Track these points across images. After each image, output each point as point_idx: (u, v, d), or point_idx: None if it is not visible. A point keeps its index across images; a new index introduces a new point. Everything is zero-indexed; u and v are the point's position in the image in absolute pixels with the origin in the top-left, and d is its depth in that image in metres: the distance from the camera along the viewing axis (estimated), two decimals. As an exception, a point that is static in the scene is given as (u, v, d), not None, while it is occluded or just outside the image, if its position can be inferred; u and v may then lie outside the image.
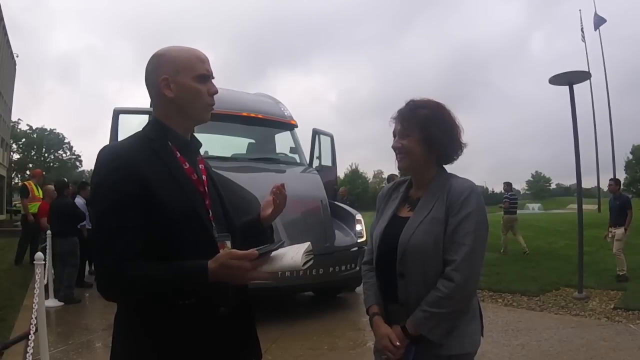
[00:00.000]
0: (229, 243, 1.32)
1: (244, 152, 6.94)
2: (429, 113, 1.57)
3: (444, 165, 1.64)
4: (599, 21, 34.85)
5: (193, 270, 1.14)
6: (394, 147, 1.61)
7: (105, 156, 1.21)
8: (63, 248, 6.44)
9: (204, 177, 1.34)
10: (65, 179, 8.25)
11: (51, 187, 7.70)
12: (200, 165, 1.35)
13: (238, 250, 1.15)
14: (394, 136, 1.62)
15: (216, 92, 1.32)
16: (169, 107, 1.29)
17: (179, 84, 1.27)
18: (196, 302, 1.18)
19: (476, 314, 1.58)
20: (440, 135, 1.55)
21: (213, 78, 1.33)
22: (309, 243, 1.23)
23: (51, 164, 54.43)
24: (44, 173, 10.99)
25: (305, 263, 1.17)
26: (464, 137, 1.61)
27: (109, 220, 1.14)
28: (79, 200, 7.57)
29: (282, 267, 1.17)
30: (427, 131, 1.55)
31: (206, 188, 1.32)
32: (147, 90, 1.33)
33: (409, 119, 1.57)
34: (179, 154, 1.29)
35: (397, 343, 1.49)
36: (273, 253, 1.18)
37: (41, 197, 8.80)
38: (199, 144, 1.39)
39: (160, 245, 1.17)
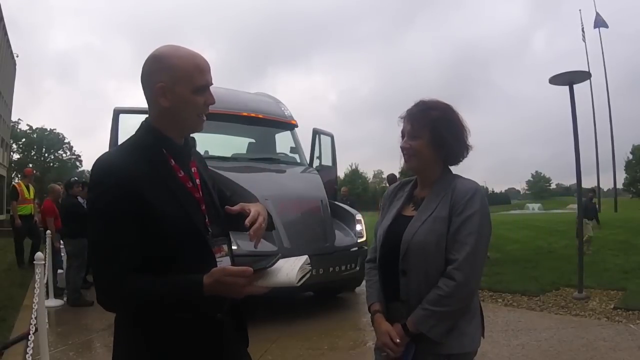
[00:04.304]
0: (225, 247, 1.34)
1: (244, 152, 6.94)
2: (440, 115, 1.57)
3: (450, 166, 1.64)
4: (600, 22, 34.82)
5: (188, 285, 1.15)
6: (402, 147, 1.62)
7: (100, 172, 1.20)
8: (68, 248, 6.45)
9: (197, 181, 1.33)
10: (76, 178, 8.12)
11: (56, 186, 7.64)
12: (192, 169, 1.34)
13: (232, 267, 1.17)
14: (402, 136, 1.62)
15: (213, 102, 1.29)
16: (163, 114, 1.26)
17: (176, 94, 1.23)
18: (192, 316, 1.20)
19: (477, 314, 1.58)
20: (449, 137, 1.56)
21: (211, 85, 1.30)
22: (306, 257, 1.23)
23: (51, 164, 54.43)
24: (34, 172, 10.77)
25: (300, 279, 1.16)
26: (470, 139, 1.62)
27: (106, 236, 1.15)
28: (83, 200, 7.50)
29: (276, 283, 1.17)
30: (436, 133, 1.55)
31: (201, 193, 1.32)
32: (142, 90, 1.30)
33: (420, 119, 1.58)
34: (173, 162, 1.28)
35: (397, 340, 1.50)
36: (269, 268, 1.19)
37: (32, 198, 8.60)
38: (192, 144, 1.37)
39: (158, 258, 1.18)
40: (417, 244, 1.51)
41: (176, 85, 1.23)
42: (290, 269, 1.17)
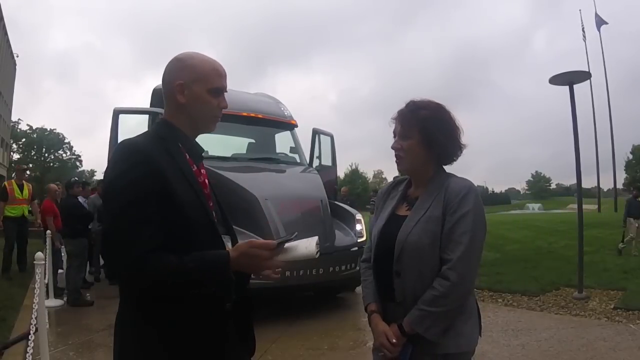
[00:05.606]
0: (229, 244, 1.37)
1: (244, 152, 6.94)
2: (429, 114, 1.57)
3: (444, 166, 1.64)
4: (600, 21, 34.85)
5: (215, 260, 1.19)
6: (393, 148, 1.62)
7: (125, 151, 1.23)
8: (68, 248, 6.43)
9: (206, 180, 1.38)
10: (76, 178, 7.96)
11: (53, 185, 7.61)
12: (202, 170, 1.39)
13: (257, 240, 1.24)
14: (394, 136, 1.63)
15: (226, 106, 1.37)
16: (179, 111, 1.33)
17: (192, 92, 1.30)
18: (213, 293, 1.22)
19: (473, 314, 1.58)
20: (440, 136, 1.56)
21: (226, 92, 1.38)
22: (317, 237, 1.30)
23: (51, 164, 54.41)
24: (27, 172, 10.29)
25: (317, 252, 1.25)
26: (464, 138, 1.62)
27: (132, 213, 1.15)
28: (82, 199, 7.49)
29: (296, 256, 1.26)
30: (427, 133, 1.55)
31: (209, 190, 1.38)
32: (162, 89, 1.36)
33: (409, 120, 1.58)
34: (187, 156, 1.32)
35: (394, 341, 1.50)
36: (287, 244, 1.26)
37: (25, 198, 8.27)
38: (201, 149, 1.43)
39: (174, 243, 1.19)
40: (411, 245, 1.51)
41: (194, 84, 1.31)
42: (307, 243, 1.27)
